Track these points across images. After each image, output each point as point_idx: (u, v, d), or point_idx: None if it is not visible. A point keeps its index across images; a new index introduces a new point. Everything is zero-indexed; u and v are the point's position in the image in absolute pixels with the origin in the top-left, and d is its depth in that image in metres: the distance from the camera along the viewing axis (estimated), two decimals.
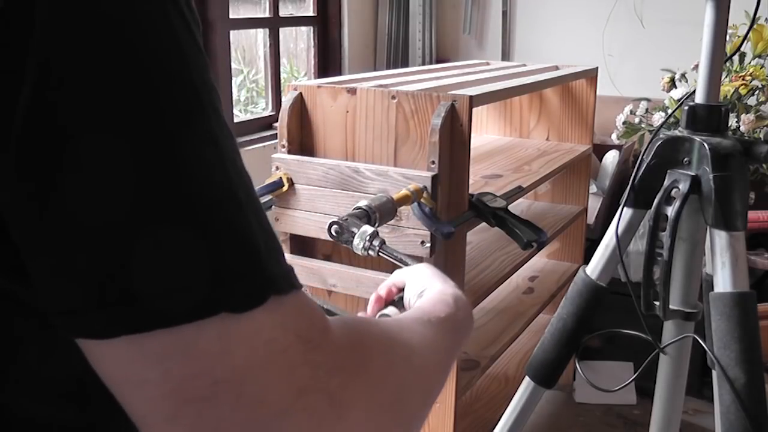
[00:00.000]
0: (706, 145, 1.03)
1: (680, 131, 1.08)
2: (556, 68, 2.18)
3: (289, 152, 1.53)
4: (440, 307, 0.62)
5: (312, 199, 1.49)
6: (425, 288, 0.70)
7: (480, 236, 1.94)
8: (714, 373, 1.01)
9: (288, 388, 0.35)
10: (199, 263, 0.35)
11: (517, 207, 2.17)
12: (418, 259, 1.41)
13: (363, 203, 1.02)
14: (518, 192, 1.69)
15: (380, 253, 0.93)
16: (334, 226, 0.99)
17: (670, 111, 2.33)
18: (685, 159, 1.06)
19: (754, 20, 1.10)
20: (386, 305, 0.76)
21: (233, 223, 0.37)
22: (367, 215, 1.13)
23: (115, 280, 0.34)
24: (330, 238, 1.00)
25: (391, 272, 0.79)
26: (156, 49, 0.35)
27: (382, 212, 1.18)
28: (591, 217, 2.39)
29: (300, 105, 1.54)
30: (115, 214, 0.34)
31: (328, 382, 0.37)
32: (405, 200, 1.32)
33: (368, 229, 0.96)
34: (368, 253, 0.94)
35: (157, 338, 0.34)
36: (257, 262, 0.37)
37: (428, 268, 0.75)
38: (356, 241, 0.96)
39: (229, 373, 0.34)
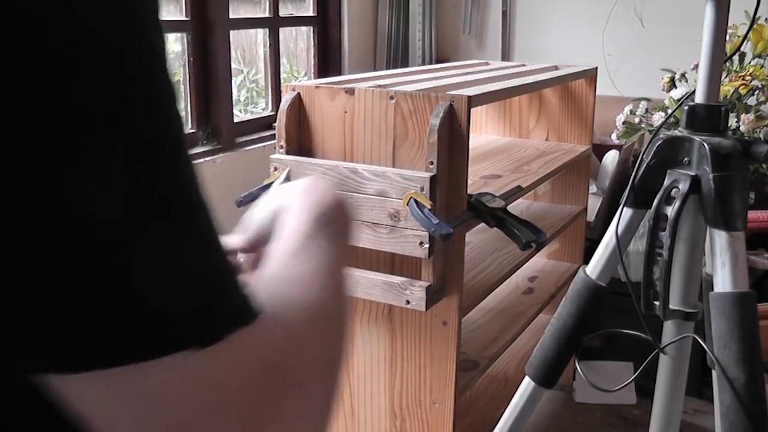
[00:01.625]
0: (706, 145, 1.03)
1: (680, 131, 1.08)
2: (556, 68, 2.18)
3: (287, 153, 1.52)
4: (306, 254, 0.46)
5: None
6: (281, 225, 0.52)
7: (479, 236, 1.93)
8: (714, 373, 1.01)
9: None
10: (166, 296, 0.32)
11: (517, 207, 2.17)
12: (417, 260, 1.41)
13: None
14: (517, 192, 1.68)
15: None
16: None
17: (670, 111, 2.32)
18: (685, 159, 1.05)
19: (754, 20, 1.10)
20: None
21: (204, 247, 0.34)
22: None
23: (70, 315, 0.31)
24: None
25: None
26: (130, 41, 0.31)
27: None
28: (591, 217, 2.38)
29: (298, 105, 1.53)
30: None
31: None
32: None
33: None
34: None
35: (120, 378, 0.32)
36: (228, 290, 0.35)
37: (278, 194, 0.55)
38: None
39: (184, 418, 0.32)
